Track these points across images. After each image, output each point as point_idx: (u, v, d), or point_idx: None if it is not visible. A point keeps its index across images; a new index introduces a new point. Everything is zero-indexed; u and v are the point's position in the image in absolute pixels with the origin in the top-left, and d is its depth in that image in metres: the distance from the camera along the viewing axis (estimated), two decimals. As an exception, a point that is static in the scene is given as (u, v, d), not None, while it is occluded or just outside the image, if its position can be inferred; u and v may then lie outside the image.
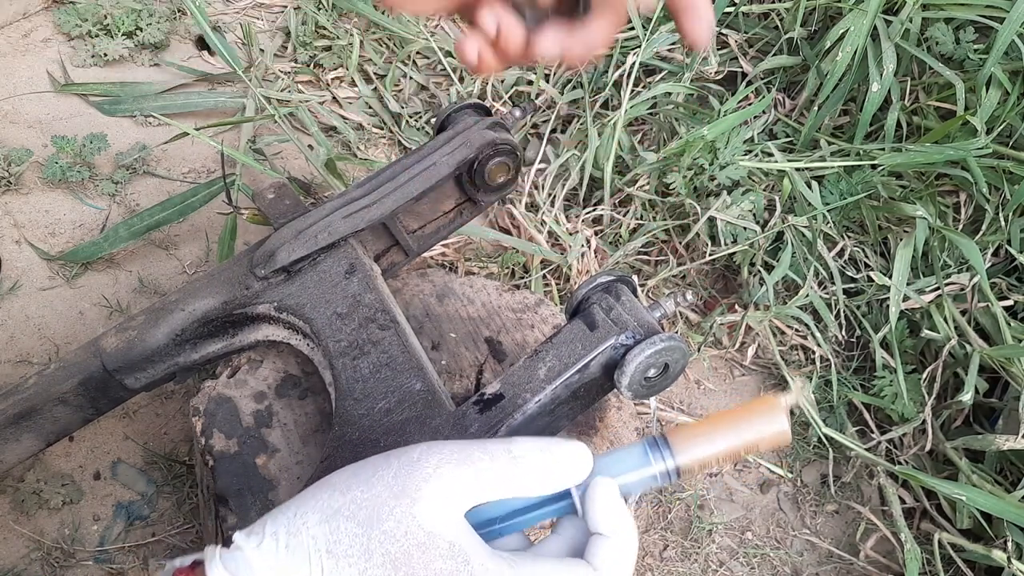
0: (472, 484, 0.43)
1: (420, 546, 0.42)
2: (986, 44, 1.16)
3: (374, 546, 0.41)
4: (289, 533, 0.42)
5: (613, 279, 0.64)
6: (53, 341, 1.07)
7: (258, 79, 1.41)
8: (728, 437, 0.46)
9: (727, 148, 1.15)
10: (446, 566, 0.42)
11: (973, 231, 1.15)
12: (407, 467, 0.43)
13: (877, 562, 1.02)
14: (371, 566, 0.41)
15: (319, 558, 0.42)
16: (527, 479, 0.44)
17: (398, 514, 0.42)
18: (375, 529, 0.42)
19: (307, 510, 0.43)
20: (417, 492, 0.43)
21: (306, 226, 0.75)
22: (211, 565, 0.41)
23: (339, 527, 0.42)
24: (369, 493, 0.43)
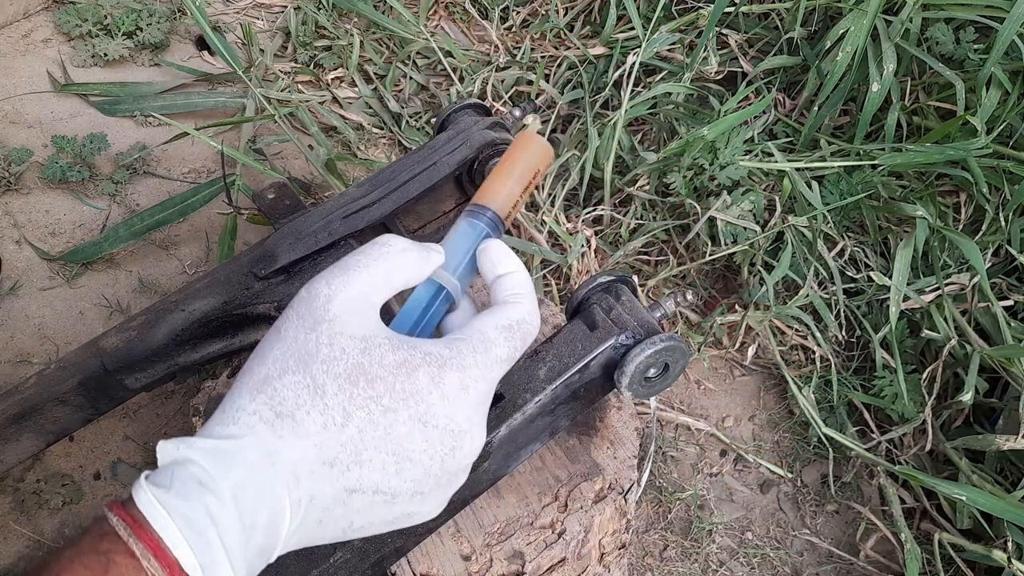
0: (367, 285, 0.44)
1: (364, 352, 0.41)
2: (986, 44, 1.16)
3: (320, 379, 0.41)
4: (224, 424, 0.40)
5: (613, 279, 0.64)
6: (53, 341, 1.07)
7: (258, 79, 1.41)
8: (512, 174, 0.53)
9: (727, 148, 1.15)
10: (397, 356, 0.42)
11: (973, 231, 1.15)
12: (303, 304, 0.43)
13: (877, 562, 1.02)
14: (328, 398, 0.40)
15: (270, 427, 0.40)
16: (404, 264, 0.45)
17: (326, 339, 0.41)
18: (313, 365, 0.41)
19: (234, 400, 0.41)
20: (328, 313, 0.42)
21: (306, 226, 0.75)
22: (136, 486, 0.38)
23: (276, 387, 0.41)
24: (286, 344, 0.42)
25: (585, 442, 0.74)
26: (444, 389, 0.42)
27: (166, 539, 0.36)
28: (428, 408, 0.41)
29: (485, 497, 0.68)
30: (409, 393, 0.41)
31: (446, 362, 0.42)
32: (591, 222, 1.24)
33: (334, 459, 0.40)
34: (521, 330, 0.46)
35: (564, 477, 0.70)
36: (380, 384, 0.41)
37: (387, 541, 0.59)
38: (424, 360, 0.42)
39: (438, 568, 0.65)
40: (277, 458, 0.39)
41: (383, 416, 0.41)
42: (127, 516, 0.37)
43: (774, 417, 1.17)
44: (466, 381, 0.43)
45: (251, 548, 0.38)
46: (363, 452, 0.41)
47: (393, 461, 0.41)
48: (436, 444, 0.42)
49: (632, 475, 0.73)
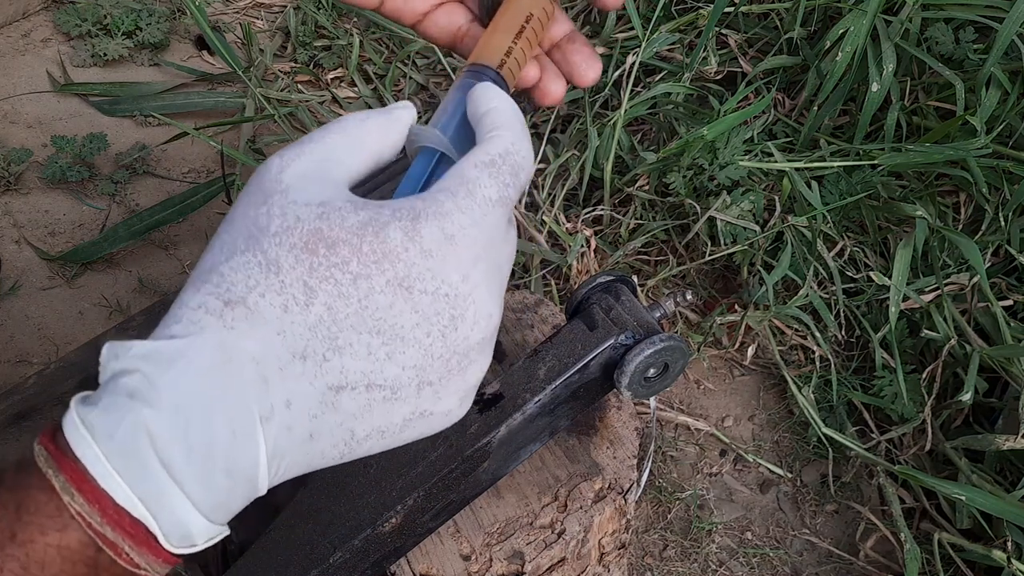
0: (321, 151, 0.37)
1: (321, 216, 0.34)
2: (986, 44, 1.16)
3: (273, 252, 0.33)
4: (168, 325, 0.33)
5: (613, 279, 0.64)
6: (53, 341, 1.07)
7: (258, 79, 1.41)
8: (496, 24, 0.46)
9: (727, 148, 1.15)
10: (361, 216, 0.34)
11: (973, 231, 1.15)
12: (253, 181, 0.36)
13: (877, 562, 1.02)
14: (284, 273, 0.33)
15: (218, 318, 0.32)
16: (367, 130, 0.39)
17: (277, 210, 0.34)
18: (264, 240, 0.34)
19: (178, 299, 0.34)
20: (280, 184, 0.35)
21: (306, 226, 0.75)
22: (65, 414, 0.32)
23: (222, 273, 0.33)
24: (234, 225, 0.35)
25: (585, 442, 0.74)
26: (423, 243, 0.34)
27: (91, 467, 0.30)
28: (408, 269, 0.34)
29: (485, 497, 0.68)
30: (381, 254, 0.34)
31: (419, 212, 0.35)
32: (591, 222, 1.24)
33: (305, 348, 0.33)
34: (508, 162, 0.38)
35: (564, 477, 0.70)
36: (344, 247, 0.33)
37: (387, 541, 0.59)
38: (393, 215, 0.34)
39: (438, 568, 0.65)
40: (234, 355, 0.32)
41: (354, 285, 0.33)
42: (51, 444, 0.31)
43: (774, 417, 1.17)
44: (449, 228, 0.35)
45: (214, 471, 0.31)
46: (339, 335, 0.33)
47: (380, 342, 0.34)
48: (430, 314, 0.34)
49: (632, 475, 0.73)
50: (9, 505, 0.30)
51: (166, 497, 0.30)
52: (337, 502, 0.56)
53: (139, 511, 0.30)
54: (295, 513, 0.56)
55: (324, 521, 0.56)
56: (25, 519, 0.30)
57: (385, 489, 0.56)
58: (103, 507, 0.30)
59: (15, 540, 0.29)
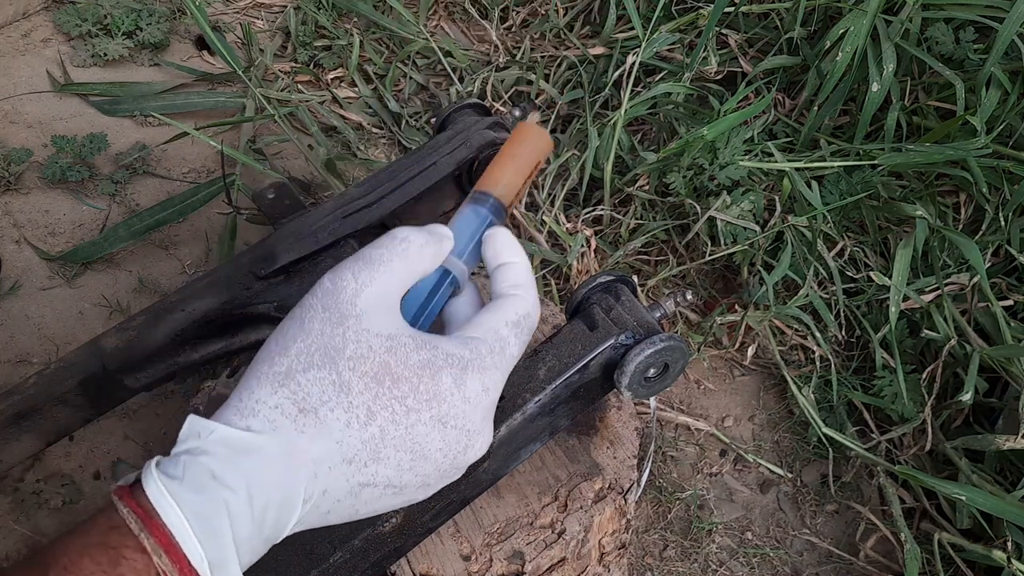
0: (390, 279, 0.44)
1: (390, 351, 0.41)
2: (986, 44, 1.16)
3: (347, 376, 0.40)
4: (245, 416, 0.40)
5: (613, 279, 0.64)
6: (53, 341, 1.07)
7: (258, 79, 1.41)
8: (513, 163, 0.54)
9: (727, 148, 1.15)
10: (422, 356, 0.42)
11: (973, 231, 1.15)
12: (330, 297, 0.43)
13: (877, 562, 1.02)
14: (354, 396, 0.40)
15: (292, 422, 0.40)
16: (423, 259, 0.46)
17: (352, 335, 0.41)
18: (340, 362, 0.41)
19: (251, 390, 0.41)
20: (355, 309, 0.42)
21: (306, 226, 0.75)
22: (147, 474, 0.38)
23: (300, 382, 0.40)
24: (311, 338, 0.41)
25: (585, 442, 0.74)
26: (466, 391, 0.43)
27: (177, 535, 0.36)
28: (450, 410, 0.42)
29: (485, 497, 0.68)
30: (433, 395, 0.41)
31: (467, 364, 0.43)
32: (591, 222, 1.24)
33: (353, 456, 0.40)
34: (527, 324, 0.47)
35: (564, 477, 0.70)
36: (405, 384, 0.41)
37: (387, 541, 0.59)
38: (446, 362, 0.42)
39: (438, 568, 0.65)
40: (298, 454, 0.39)
41: (406, 416, 0.41)
42: (138, 508, 0.36)
43: (774, 417, 1.17)
44: (487, 383, 0.44)
45: (260, 540, 0.39)
46: (382, 450, 0.41)
47: (409, 459, 0.42)
48: (452, 443, 0.43)
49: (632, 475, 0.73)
50: (102, 560, 0.35)
51: (227, 562, 0.37)
52: (337, 502, 0.56)
53: (203, 569, 0.36)
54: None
55: (324, 521, 0.56)
56: (118, 571, 0.35)
57: (385, 489, 0.56)
58: (181, 567, 0.36)
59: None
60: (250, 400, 0.40)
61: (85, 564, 0.35)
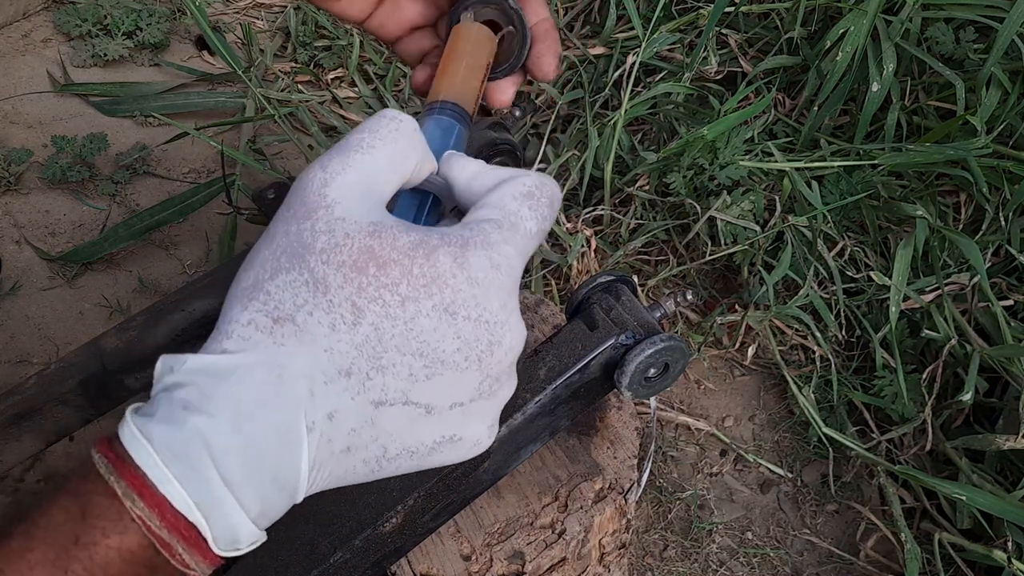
0: (370, 168, 0.36)
1: (372, 235, 0.34)
2: (986, 44, 1.16)
3: (320, 271, 0.34)
4: (218, 340, 0.34)
5: (613, 279, 0.64)
6: (53, 341, 1.07)
7: (258, 79, 1.41)
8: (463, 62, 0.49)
9: (727, 148, 1.15)
10: (412, 236, 0.35)
11: (973, 231, 1.15)
12: (294, 194, 0.36)
13: (877, 562, 1.02)
14: (332, 292, 0.34)
15: (268, 335, 0.33)
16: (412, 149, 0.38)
17: (323, 227, 0.34)
18: (310, 257, 0.34)
19: (224, 315, 0.35)
20: (324, 200, 0.35)
21: (306, 226, 0.75)
22: (125, 419, 0.33)
23: (269, 291, 0.34)
24: (276, 241, 0.35)
25: (585, 442, 0.74)
26: (471, 270, 0.35)
27: (150, 474, 0.31)
28: (455, 295, 0.34)
29: (485, 497, 0.68)
30: (430, 278, 0.34)
31: (468, 241, 0.35)
32: (591, 222, 1.24)
33: (350, 366, 0.34)
34: (545, 193, 0.39)
35: (564, 477, 0.70)
36: (395, 268, 0.34)
37: (387, 541, 0.59)
38: (443, 240, 0.35)
39: (438, 568, 0.65)
40: (284, 370, 0.33)
41: (401, 308, 0.34)
42: (110, 452, 0.32)
43: (774, 417, 1.17)
44: (496, 259, 0.36)
45: (262, 478, 0.33)
46: (384, 354, 0.34)
47: (422, 364, 0.35)
48: (470, 339, 0.35)
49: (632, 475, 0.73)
50: (72, 510, 0.31)
51: (220, 503, 0.32)
52: (337, 502, 0.56)
53: (194, 515, 0.31)
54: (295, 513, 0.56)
55: (324, 521, 0.56)
56: (89, 523, 0.31)
57: (385, 489, 0.56)
58: (162, 511, 0.31)
59: (78, 543, 0.31)
60: (222, 323, 0.34)
61: (55, 515, 0.31)
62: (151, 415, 0.32)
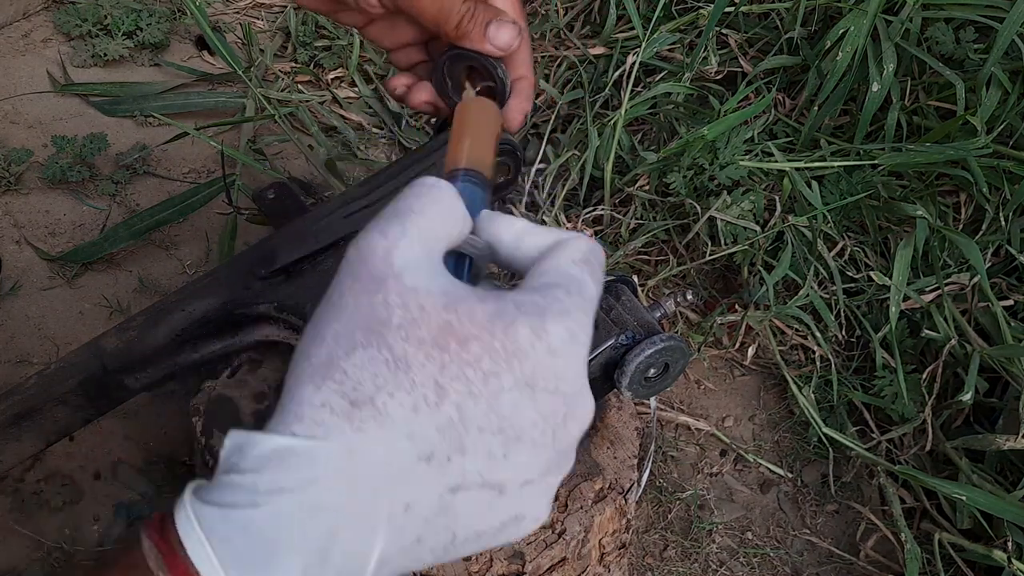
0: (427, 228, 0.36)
1: (448, 307, 0.33)
2: (986, 44, 1.16)
3: (400, 349, 0.32)
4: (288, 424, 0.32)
5: (613, 279, 0.64)
6: (53, 341, 1.07)
7: (258, 79, 1.41)
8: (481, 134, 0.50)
9: (727, 148, 1.15)
10: (488, 307, 0.33)
11: (973, 231, 1.15)
12: (358, 265, 0.34)
13: (877, 562, 1.02)
14: (415, 371, 0.32)
15: (346, 420, 0.31)
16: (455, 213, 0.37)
17: (396, 299, 0.32)
18: (387, 334, 0.32)
19: (291, 393, 0.33)
20: (391, 268, 0.33)
21: (306, 226, 0.75)
22: (180, 504, 0.31)
23: (346, 370, 0.32)
24: (346, 314, 0.33)
25: (585, 442, 0.74)
26: (550, 341, 0.33)
27: (204, 573, 0.29)
28: (535, 367, 0.33)
29: (485, 497, 0.68)
30: (511, 351, 0.32)
31: (545, 309, 0.34)
32: (591, 222, 1.24)
33: (432, 450, 0.32)
34: (597, 259, 0.38)
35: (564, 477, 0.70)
36: (475, 344, 0.32)
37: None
38: (519, 310, 0.33)
39: (438, 568, 0.65)
40: (360, 459, 0.31)
41: (484, 384, 0.32)
42: (161, 541, 0.30)
43: (774, 417, 1.17)
44: (572, 327, 0.34)
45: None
46: (466, 435, 0.32)
47: (500, 442, 0.33)
48: (547, 413, 0.34)
49: (632, 475, 0.73)
50: None
51: None
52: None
53: None
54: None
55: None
56: None
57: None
58: None
59: None
60: (291, 403, 0.32)
61: None
62: (213, 503, 0.30)
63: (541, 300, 0.34)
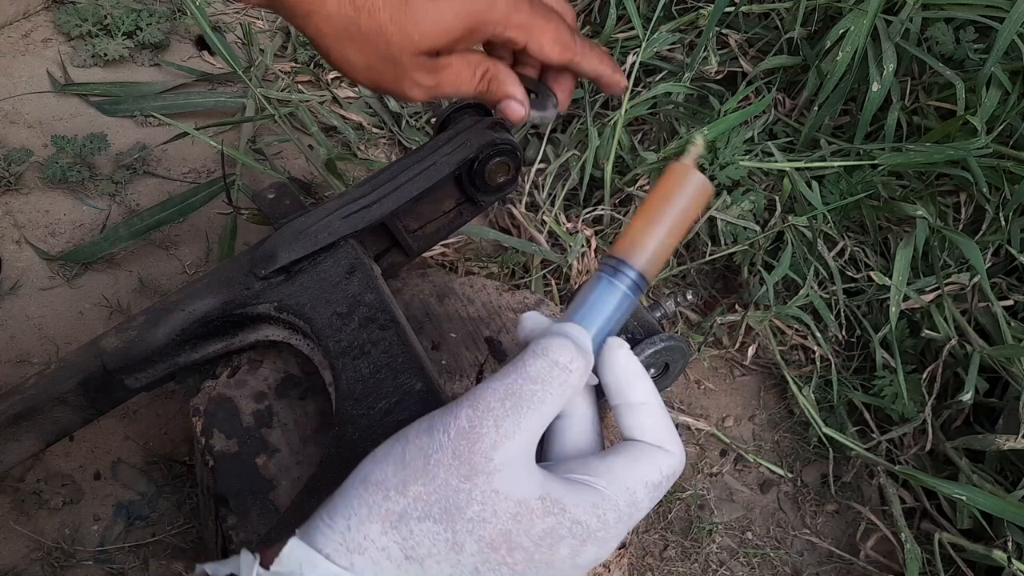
0: (536, 425, 0.40)
1: (514, 518, 0.38)
2: (986, 44, 1.16)
3: (462, 538, 0.38)
4: (351, 551, 0.38)
5: (613, 279, 0.64)
6: (53, 341, 1.07)
7: (258, 79, 1.41)
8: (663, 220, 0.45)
9: (727, 148, 1.15)
10: (546, 524, 0.39)
11: (973, 231, 1.15)
12: (463, 440, 0.39)
13: (877, 562, 1.02)
14: (464, 557, 0.38)
15: (396, 567, 0.38)
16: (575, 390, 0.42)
17: (479, 496, 0.38)
18: (459, 521, 0.38)
19: (361, 519, 0.39)
20: (489, 464, 0.39)
21: (306, 226, 0.75)
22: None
23: (413, 530, 0.38)
24: (433, 486, 0.38)
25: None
26: (579, 560, 0.40)
27: None
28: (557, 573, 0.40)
29: (485, 497, 0.68)
30: (546, 563, 0.39)
31: (591, 536, 0.40)
32: (591, 222, 1.24)
33: None
34: (670, 483, 0.43)
35: (564, 477, 0.70)
36: (520, 554, 0.39)
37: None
38: (570, 532, 0.39)
39: None
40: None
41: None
42: None
43: (774, 417, 1.17)
44: (601, 555, 0.41)
45: None
46: None
47: None
48: None
49: (632, 475, 0.73)
50: None
51: None
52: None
53: None
54: (296, 513, 0.56)
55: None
56: None
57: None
58: None
59: None
60: (357, 534, 0.38)
61: None
62: None
63: (595, 524, 0.40)
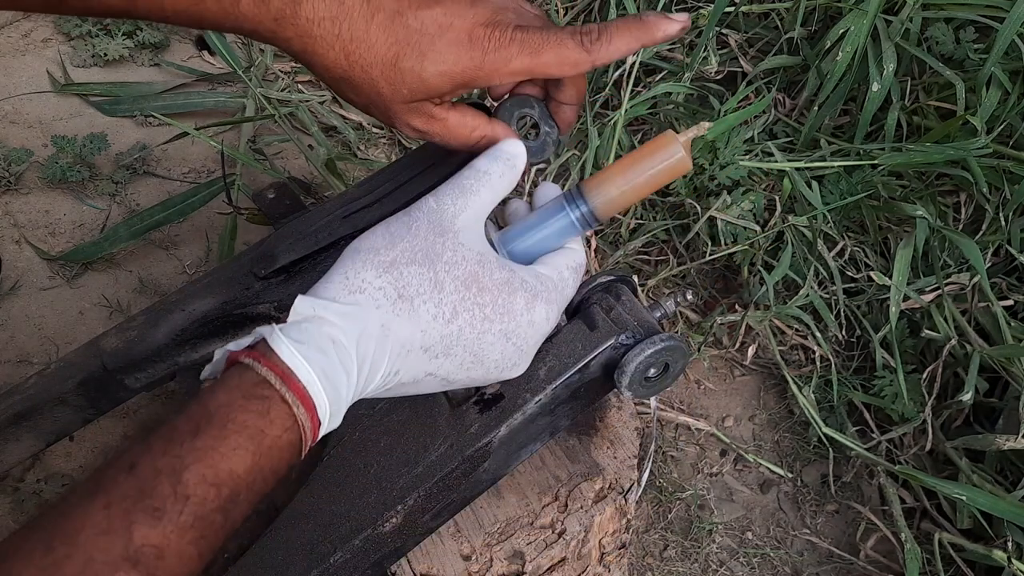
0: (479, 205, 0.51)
1: (479, 263, 0.49)
2: (986, 44, 1.16)
3: (442, 276, 0.47)
4: (351, 291, 0.46)
5: (613, 279, 0.64)
6: (53, 341, 1.07)
7: (258, 79, 1.41)
8: (632, 175, 0.53)
9: (727, 148, 1.15)
10: (502, 275, 0.49)
11: (973, 231, 1.15)
12: (434, 214, 0.50)
13: (877, 562, 1.02)
14: (445, 295, 0.47)
15: (392, 304, 0.46)
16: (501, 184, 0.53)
17: (450, 245, 0.48)
18: (438, 263, 0.48)
19: (357, 270, 0.47)
20: (454, 225, 0.50)
21: (306, 226, 0.75)
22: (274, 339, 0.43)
23: (402, 273, 0.47)
24: (416, 240, 0.48)
25: (585, 442, 0.74)
26: (533, 316, 0.50)
27: (310, 390, 0.42)
28: (516, 328, 0.50)
29: (485, 497, 0.68)
30: (507, 310, 0.49)
31: (538, 293, 0.51)
32: (591, 222, 1.24)
33: (431, 346, 0.47)
34: (581, 272, 0.55)
35: (564, 477, 0.70)
36: (487, 295, 0.48)
37: (387, 541, 0.59)
38: (522, 286, 0.50)
39: (438, 568, 0.65)
40: (390, 332, 0.46)
41: (482, 323, 0.48)
42: (276, 368, 0.42)
43: (774, 417, 1.17)
44: (549, 314, 0.51)
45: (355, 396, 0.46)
46: (454, 347, 0.48)
47: (471, 361, 0.49)
48: (506, 358, 0.51)
49: (632, 475, 0.73)
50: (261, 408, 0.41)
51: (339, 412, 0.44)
52: (337, 502, 0.56)
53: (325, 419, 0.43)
54: (295, 513, 0.56)
55: (324, 521, 0.56)
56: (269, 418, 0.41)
57: (385, 489, 0.56)
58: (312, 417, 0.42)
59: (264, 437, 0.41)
60: (356, 279, 0.46)
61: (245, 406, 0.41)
62: (305, 343, 0.43)
63: (538, 285, 0.51)
